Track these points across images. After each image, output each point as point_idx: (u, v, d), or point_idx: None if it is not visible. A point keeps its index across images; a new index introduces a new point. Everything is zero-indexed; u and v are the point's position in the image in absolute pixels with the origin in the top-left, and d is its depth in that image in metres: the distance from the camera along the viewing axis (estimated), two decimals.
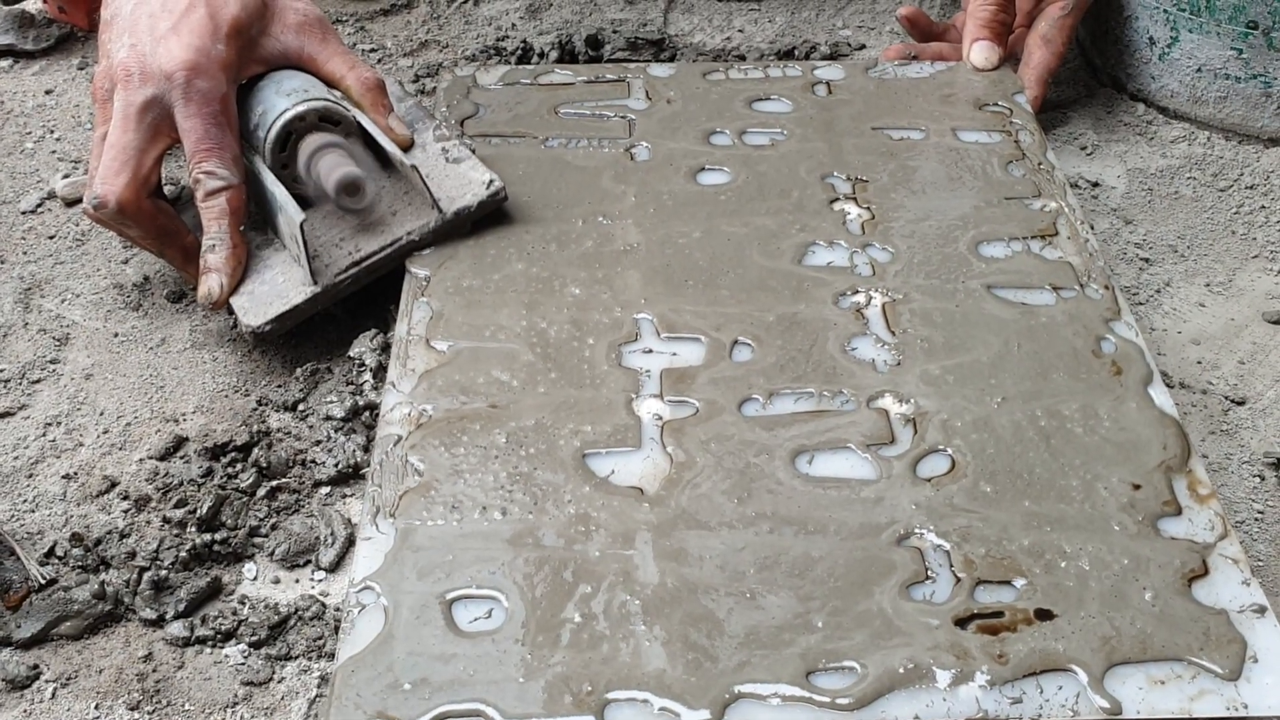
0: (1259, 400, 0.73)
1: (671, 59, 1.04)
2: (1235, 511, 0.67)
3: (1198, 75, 0.92)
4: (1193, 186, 0.90)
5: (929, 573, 0.57)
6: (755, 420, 0.65)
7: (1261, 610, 0.55)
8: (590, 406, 0.66)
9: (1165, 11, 0.91)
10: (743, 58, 1.05)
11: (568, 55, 1.02)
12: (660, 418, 0.65)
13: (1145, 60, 0.95)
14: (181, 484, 0.67)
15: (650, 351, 0.69)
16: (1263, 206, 0.87)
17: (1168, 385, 0.74)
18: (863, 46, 1.07)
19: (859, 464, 0.63)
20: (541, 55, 1.02)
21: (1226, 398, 0.73)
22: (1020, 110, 0.88)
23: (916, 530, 0.59)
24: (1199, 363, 0.76)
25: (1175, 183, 0.90)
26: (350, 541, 0.65)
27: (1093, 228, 0.86)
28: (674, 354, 0.69)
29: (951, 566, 0.57)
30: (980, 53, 0.92)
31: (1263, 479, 0.68)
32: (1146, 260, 0.84)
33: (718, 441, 0.64)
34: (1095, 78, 1.02)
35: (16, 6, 1.06)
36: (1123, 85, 0.99)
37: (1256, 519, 0.67)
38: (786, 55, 1.05)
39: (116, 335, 0.78)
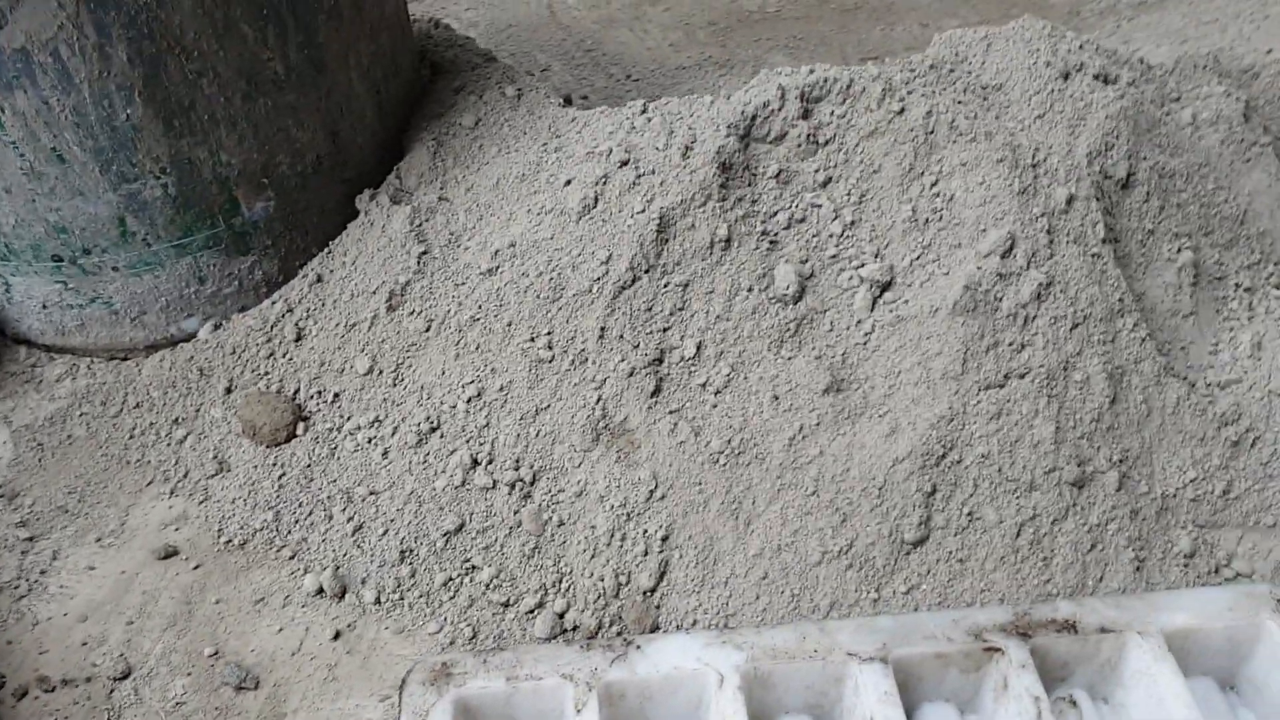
0: (145, 664, 0.71)
1: None
2: None
3: (46, 312, 0.88)
4: (86, 423, 0.86)
5: None
6: None
7: None
8: None
9: None
10: None
11: None
12: None
13: (2, 307, 0.89)
14: None
15: None
16: (151, 424, 0.85)
17: (48, 691, 0.70)
18: None
19: None
20: None
21: (110, 677, 0.70)
22: None
23: None
24: (85, 644, 0.72)
25: (68, 426, 0.86)
26: None
27: None
28: None
29: None
30: None
31: None
32: (31, 539, 0.78)
33: None
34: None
35: None
36: (4, 330, 0.92)
37: None
38: None
39: None
